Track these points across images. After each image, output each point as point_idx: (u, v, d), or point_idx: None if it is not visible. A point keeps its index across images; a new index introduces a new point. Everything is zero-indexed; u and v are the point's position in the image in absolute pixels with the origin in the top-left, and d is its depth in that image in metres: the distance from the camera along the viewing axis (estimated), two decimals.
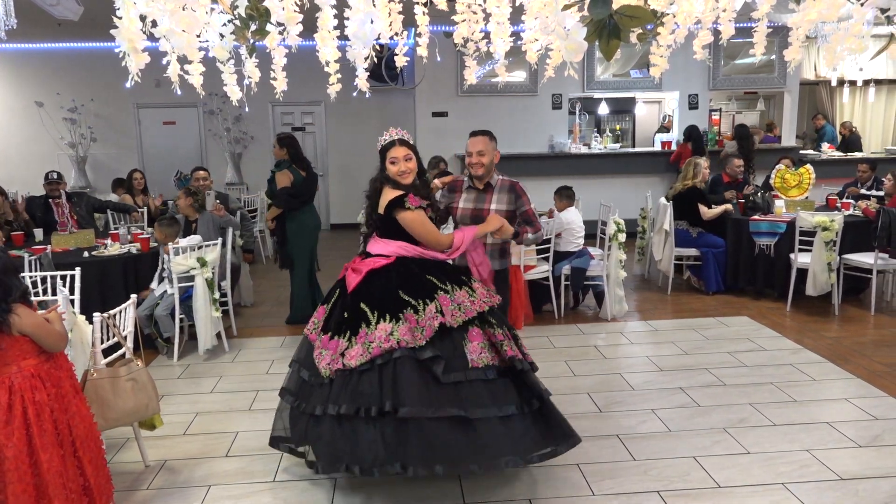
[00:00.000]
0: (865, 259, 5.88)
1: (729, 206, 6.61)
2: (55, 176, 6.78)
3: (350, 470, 2.83)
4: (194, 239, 5.16)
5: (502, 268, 3.89)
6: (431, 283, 3.07)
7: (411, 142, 3.32)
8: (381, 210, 3.23)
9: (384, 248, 3.20)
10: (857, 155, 10.50)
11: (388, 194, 3.21)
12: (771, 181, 7.03)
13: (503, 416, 2.92)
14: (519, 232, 3.69)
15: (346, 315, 3.07)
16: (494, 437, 2.87)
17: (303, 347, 3.28)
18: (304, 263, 5.82)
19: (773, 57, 9.96)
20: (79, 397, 2.74)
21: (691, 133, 9.31)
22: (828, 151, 10.65)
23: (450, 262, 3.29)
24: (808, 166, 6.91)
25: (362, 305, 3.03)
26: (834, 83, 11.69)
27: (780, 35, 9.28)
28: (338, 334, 3.04)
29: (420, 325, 2.93)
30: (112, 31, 1.74)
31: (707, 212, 6.55)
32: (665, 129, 10.82)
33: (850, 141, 11.25)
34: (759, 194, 6.78)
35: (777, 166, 7.16)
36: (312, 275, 5.93)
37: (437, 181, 3.93)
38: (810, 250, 5.80)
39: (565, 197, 6.19)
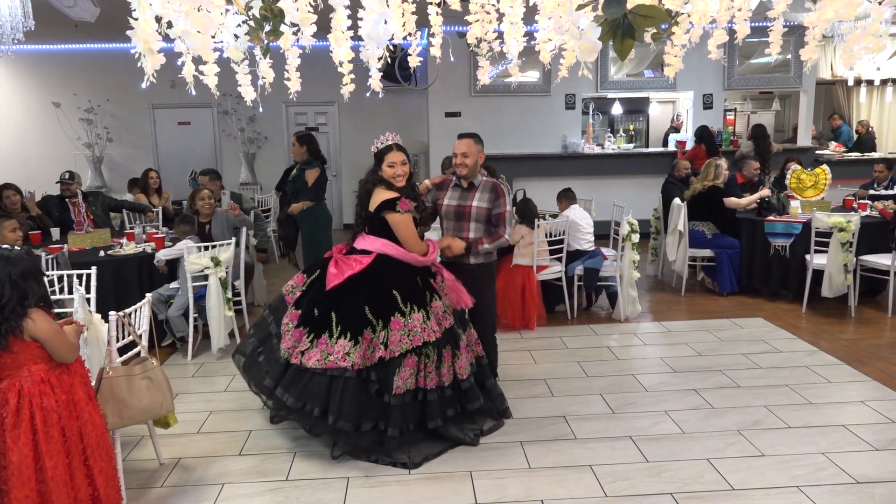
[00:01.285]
0: (882, 260, 5.82)
1: (766, 192, 6.56)
2: (67, 176, 6.84)
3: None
4: (178, 247, 5.16)
5: (486, 261, 4.04)
6: (393, 302, 3.43)
7: (405, 148, 3.64)
8: (371, 208, 3.53)
9: (369, 245, 3.53)
10: (874, 155, 10.39)
11: (382, 195, 3.51)
12: (786, 181, 6.97)
13: (407, 433, 3.43)
14: (471, 245, 3.92)
15: (315, 311, 3.46)
16: (395, 446, 3.42)
17: (277, 301, 3.77)
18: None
19: (789, 56, 9.87)
20: (92, 404, 2.74)
21: (702, 135, 9.26)
22: (835, 150, 10.52)
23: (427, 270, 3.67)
24: (825, 167, 6.85)
25: (332, 313, 3.42)
26: (851, 83, 11.58)
27: (795, 34, 9.20)
28: (304, 326, 3.46)
29: (372, 345, 3.37)
30: (128, 32, 1.75)
31: (739, 201, 6.50)
32: (675, 129, 10.75)
33: (864, 140, 11.13)
34: (776, 196, 6.72)
35: (794, 166, 7.09)
36: None
37: (427, 181, 4.20)
38: (826, 251, 5.75)
39: (564, 198, 6.23)
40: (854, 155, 10.49)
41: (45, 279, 2.66)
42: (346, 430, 3.32)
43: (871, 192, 7.24)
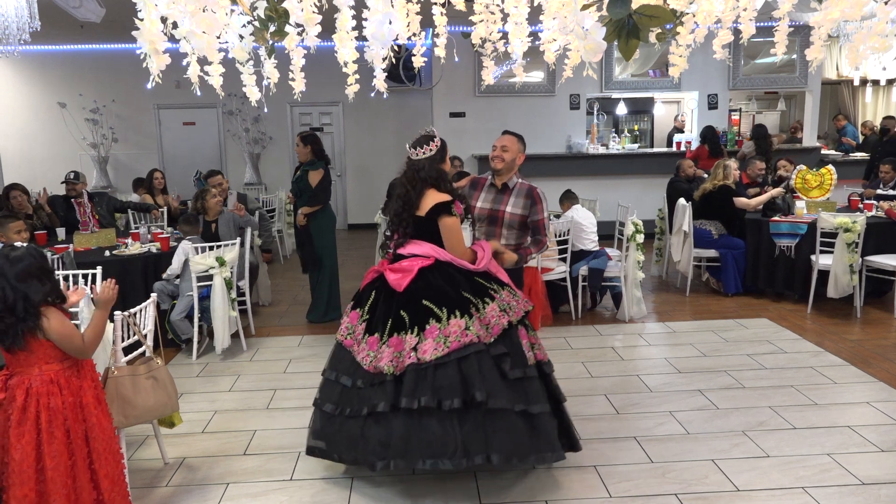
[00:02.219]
0: (888, 261, 5.80)
1: (779, 190, 6.54)
2: (72, 176, 6.87)
3: (426, 465, 2.88)
4: (179, 253, 5.18)
5: (515, 267, 3.87)
6: (482, 284, 3.16)
7: None
8: (421, 213, 3.21)
9: (418, 249, 3.21)
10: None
11: (434, 197, 3.22)
12: (792, 182, 6.95)
13: (547, 412, 3.07)
14: (522, 256, 3.72)
15: (403, 313, 3.07)
16: (545, 432, 3.03)
17: (336, 354, 3.26)
18: (331, 261, 5.91)
19: (795, 56, 9.85)
20: (101, 409, 2.71)
21: (707, 134, 9.24)
22: (832, 152, 10.49)
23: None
24: (830, 167, 6.82)
25: (425, 302, 3.05)
26: (857, 83, 11.54)
27: (801, 34, 9.18)
28: (398, 332, 3.04)
29: (485, 322, 3.02)
30: (133, 33, 1.76)
31: (749, 201, 6.48)
32: (678, 129, 10.74)
33: (871, 140, 11.09)
34: (782, 196, 6.71)
35: (799, 166, 7.07)
36: (336, 273, 6.00)
37: (461, 182, 4.01)
38: (832, 252, 5.73)
39: (566, 199, 6.24)
40: (860, 155, 10.46)
41: (54, 275, 2.61)
42: (504, 407, 2.91)
43: (879, 191, 7.20)
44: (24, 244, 2.67)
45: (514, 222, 3.78)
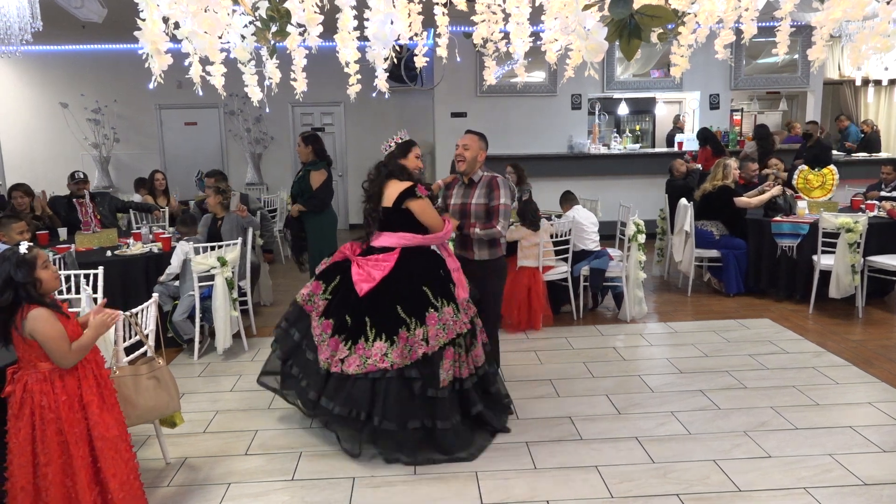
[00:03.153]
0: (890, 261, 5.79)
1: (776, 191, 6.54)
2: (82, 175, 6.88)
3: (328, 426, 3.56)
4: (177, 254, 5.19)
5: (491, 257, 4.06)
6: (426, 298, 3.46)
7: None
8: (388, 204, 3.56)
9: (388, 241, 3.56)
10: (883, 155, 10.34)
11: (397, 187, 3.57)
12: (794, 182, 6.94)
13: (455, 424, 3.47)
14: (463, 225, 3.98)
15: (348, 318, 3.48)
16: (450, 440, 3.45)
17: (294, 313, 3.74)
18: None
19: (797, 56, 9.84)
20: (105, 408, 2.70)
21: (706, 136, 9.24)
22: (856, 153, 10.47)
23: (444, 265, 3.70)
24: (832, 167, 6.82)
25: (366, 318, 3.44)
26: (858, 83, 11.53)
27: (803, 34, 9.17)
28: (339, 334, 3.48)
29: (409, 343, 3.39)
30: (135, 33, 1.76)
31: (750, 200, 6.47)
32: (679, 129, 10.73)
33: (870, 139, 11.07)
34: (783, 196, 6.70)
35: (801, 166, 7.07)
36: None
37: (439, 181, 4.27)
38: (834, 252, 5.72)
39: (566, 201, 6.25)
40: (861, 155, 10.45)
41: (34, 278, 2.57)
42: (391, 429, 3.34)
43: (882, 193, 7.19)
44: (29, 244, 2.67)
45: (481, 212, 4.01)
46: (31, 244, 2.66)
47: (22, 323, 2.53)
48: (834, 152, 10.37)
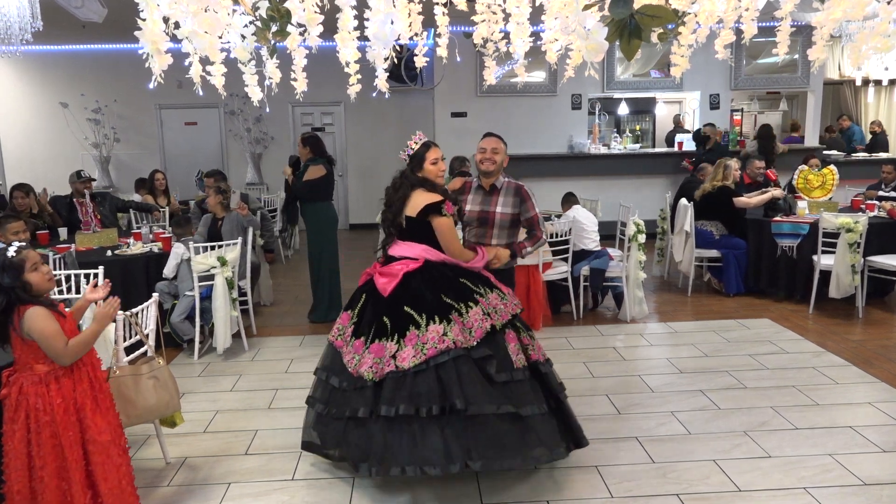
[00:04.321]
0: (890, 261, 5.79)
1: (777, 192, 6.53)
2: (88, 175, 6.87)
3: (405, 471, 2.87)
4: (174, 255, 5.19)
5: (507, 268, 3.92)
6: (467, 287, 3.18)
7: None
8: (412, 213, 3.26)
9: (409, 251, 3.26)
10: (882, 155, 10.35)
11: (424, 197, 3.26)
12: (794, 182, 6.94)
13: (542, 413, 3.08)
14: (515, 252, 3.77)
15: (385, 319, 3.11)
16: (539, 431, 3.03)
17: (328, 355, 3.34)
18: (331, 260, 5.91)
19: (797, 56, 9.84)
20: (98, 411, 2.67)
21: (701, 138, 9.23)
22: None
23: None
24: (832, 167, 6.82)
25: (407, 308, 3.09)
26: (859, 83, 11.53)
27: (803, 34, 9.17)
28: (380, 338, 3.08)
29: (467, 326, 3.03)
30: (136, 33, 1.76)
31: (749, 200, 6.47)
32: (680, 129, 10.73)
33: (879, 140, 11.07)
34: (783, 197, 6.70)
35: (801, 167, 7.07)
36: (337, 272, 6.00)
37: (447, 186, 3.98)
38: (834, 252, 5.72)
39: (566, 202, 6.25)
40: (862, 155, 10.45)
41: (22, 281, 2.55)
42: (485, 412, 2.88)
43: (880, 192, 7.20)
44: (21, 244, 2.66)
45: (506, 222, 3.83)
46: (23, 245, 2.63)
47: (20, 322, 2.52)
48: (834, 153, 10.38)
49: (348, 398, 3.08)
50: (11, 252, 2.55)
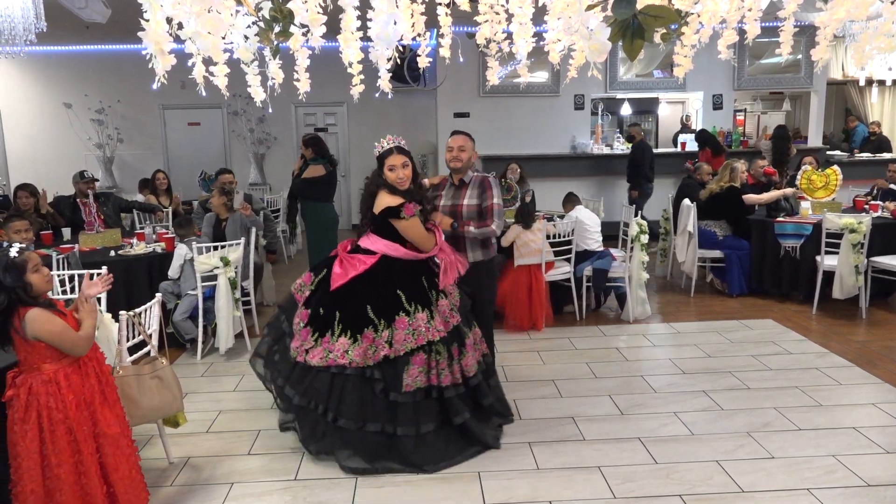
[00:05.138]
0: (894, 262, 5.78)
1: (787, 191, 6.51)
2: (91, 175, 6.89)
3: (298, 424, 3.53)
4: (177, 256, 5.20)
5: (485, 258, 4.03)
6: (398, 302, 3.41)
7: (407, 149, 3.62)
8: (376, 211, 3.52)
9: (373, 245, 3.54)
10: (887, 156, 10.32)
11: (385, 199, 3.49)
12: (797, 182, 6.93)
13: (422, 433, 3.39)
14: (458, 225, 3.91)
15: (321, 311, 3.48)
16: (408, 448, 3.37)
17: (288, 300, 3.77)
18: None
19: (800, 56, 9.82)
20: (107, 405, 2.73)
21: (704, 138, 9.22)
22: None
23: (435, 261, 3.61)
24: (835, 167, 6.80)
25: (336, 313, 3.43)
26: (862, 83, 11.51)
27: (807, 34, 9.15)
28: (310, 325, 3.48)
29: (374, 344, 3.35)
30: (139, 34, 1.76)
31: (759, 197, 6.46)
32: (687, 129, 10.72)
33: (880, 141, 11.03)
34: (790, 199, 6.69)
35: (803, 167, 7.05)
36: None
37: (425, 181, 4.11)
38: (837, 253, 5.71)
39: (568, 202, 6.26)
40: (865, 155, 10.43)
41: (24, 282, 2.57)
42: (350, 428, 3.31)
43: (892, 186, 7.13)
44: (23, 244, 2.68)
45: (473, 213, 3.97)
46: (23, 246, 2.65)
47: (22, 325, 2.53)
48: (836, 153, 10.36)
49: (284, 356, 3.60)
50: (14, 252, 2.56)
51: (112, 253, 5.40)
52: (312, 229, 5.90)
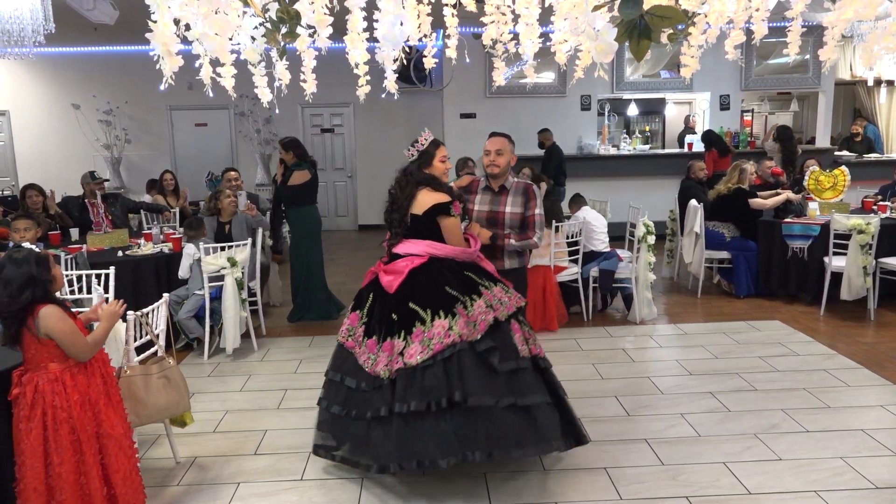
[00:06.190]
0: None
1: (791, 195, 6.49)
2: (100, 176, 6.92)
3: (421, 466, 2.94)
4: (186, 255, 5.22)
5: (520, 266, 3.91)
6: (471, 279, 3.21)
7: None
8: (418, 211, 3.31)
9: (413, 248, 3.29)
10: (895, 156, 10.26)
11: (431, 197, 3.31)
12: (805, 183, 6.90)
13: (546, 403, 3.13)
14: (498, 236, 3.74)
15: (394, 317, 3.14)
16: (541, 423, 3.07)
17: (339, 355, 3.32)
18: (318, 263, 6.02)
19: (808, 57, 9.78)
20: (111, 406, 2.75)
21: (710, 139, 9.18)
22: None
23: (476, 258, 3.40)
24: (844, 168, 6.77)
25: (412, 305, 3.12)
26: (871, 83, 11.44)
27: (814, 34, 9.11)
28: (390, 336, 3.12)
29: (472, 319, 3.06)
30: (147, 35, 1.77)
31: (765, 202, 6.44)
32: (691, 130, 10.68)
33: (867, 141, 10.96)
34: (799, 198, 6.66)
35: (812, 167, 7.02)
36: (323, 274, 6.14)
37: (452, 184, 3.99)
38: (845, 254, 5.68)
39: (574, 203, 6.25)
40: (873, 156, 10.37)
41: (51, 276, 2.65)
42: (484, 404, 2.94)
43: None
44: (29, 244, 2.72)
45: (515, 222, 3.81)
46: (32, 246, 2.72)
47: (35, 322, 2.56)
48: (843, 153, 10.30)
49: (369, 399, 3.08)
50: (62, 254, 2.65)
51: (120, 253, 5.42)
52: (299, 233, 5.93)
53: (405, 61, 2.26)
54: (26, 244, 2.69)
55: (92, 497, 2.65)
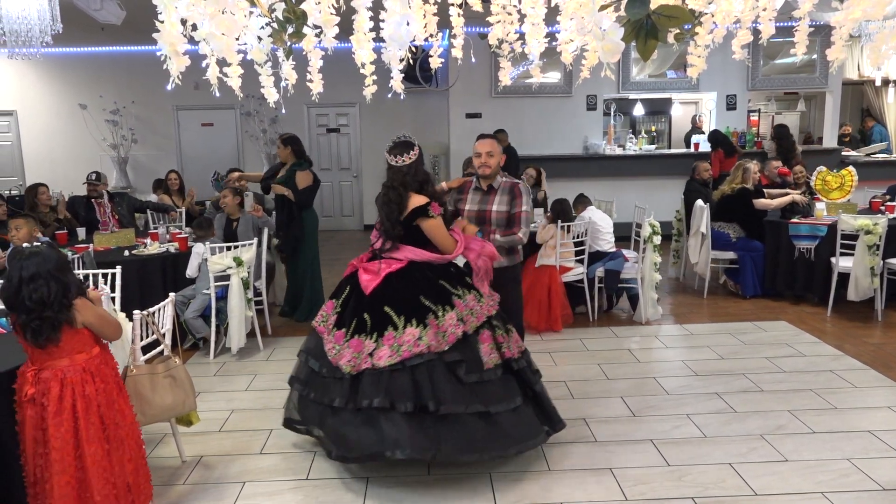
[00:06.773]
0: None
1: (797, 196, 6.47)
2: (94, 177, 6.95)
3: (375, 457, 3.08)
4: (195, 255, 5.24)
5: (511, 264, 3.96)
6: (446, 289, 3.30)
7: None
8: (402, 216, 3.37)
9: (396, 253, 3.39)
10: None
11: (414, 200, 3.38)
12: (812, 183, 6.87)
13: (514, 407, 3.25)
14: (483, 232, 3.81)
15: (366, 316, 3.26)
16: (510, 426, 3.20)
17: (312, 338, 3.50)
18: (316, 263, 6.04)
19: (815, 56, 9.74)
20: (122, 396, 2.83)
21: (717, 139, 9.15)
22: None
23: (456, 263, 3.49)
24: (851, 168, 6.74)
25: (386, 309, 3.23)
26: (878, 83, 11.38)
27: (822, 34, 9.08)
28: (359, 334, 3.24)
29: (442, 330, 3.18)
30: (154, 35, 1.78)
31: (770, 202, 6.42)
32: (698, 129, 10.65)
33: (854, 142, 10.93)
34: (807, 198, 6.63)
35: (819, 167, 6.99)
36: (320, 274, 6.16)
37: (444, 183, 4.11)
38: (852, 254, 5.66)
39: (579, 203, 6.24)
40: (881, 156, 10.32)
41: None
42: (456, 412, 3.07)
43: None
44: (27, 244, 2.75)
45: (502, 220, 3.88)
46: (26, 245, 2.78)
47: (73, 315, 2.63)
48: (851, 153, 10.25)
49: (327, 385, 3.26)
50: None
51: (126, 252, 5.44)
52: (307, 235, 5.93)
53: (411, 61, 2.26)
54: (26, 244, 2.72)
55: (116, 485, 2.70)
